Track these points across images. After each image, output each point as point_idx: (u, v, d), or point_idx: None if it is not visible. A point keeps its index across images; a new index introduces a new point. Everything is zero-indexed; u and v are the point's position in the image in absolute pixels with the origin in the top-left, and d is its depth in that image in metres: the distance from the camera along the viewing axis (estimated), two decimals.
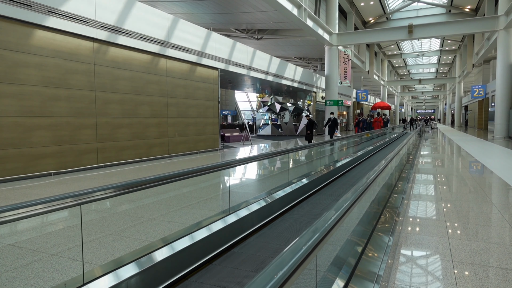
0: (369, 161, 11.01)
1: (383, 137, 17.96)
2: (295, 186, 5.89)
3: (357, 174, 8.43)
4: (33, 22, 7.81)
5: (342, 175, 8.37)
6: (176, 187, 5.78)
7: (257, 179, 8.12)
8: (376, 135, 16.63)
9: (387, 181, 5.14)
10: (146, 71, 10.83)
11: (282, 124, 28.21)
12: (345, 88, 31.73)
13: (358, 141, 13.34)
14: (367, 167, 9.57)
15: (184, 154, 12.35)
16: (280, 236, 4.18)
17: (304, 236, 1.53)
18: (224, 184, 6.11)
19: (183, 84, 12.38)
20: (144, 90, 10.79)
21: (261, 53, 18.00)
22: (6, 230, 3.93)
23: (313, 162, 10.23)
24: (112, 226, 4.26)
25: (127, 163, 10.09)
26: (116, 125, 9.90)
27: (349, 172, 8.84)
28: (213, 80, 13.94)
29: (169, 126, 11.81)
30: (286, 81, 21.04)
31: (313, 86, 25.63)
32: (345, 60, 23.42)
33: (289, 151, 6.26)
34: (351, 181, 7.61)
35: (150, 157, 10.96)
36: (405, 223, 4.25)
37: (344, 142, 12.64)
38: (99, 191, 2.67)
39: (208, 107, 13.74)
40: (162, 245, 3.29)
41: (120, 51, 9.95)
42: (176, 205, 5.33)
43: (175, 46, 11.78)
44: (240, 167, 7.29)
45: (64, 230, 4.09)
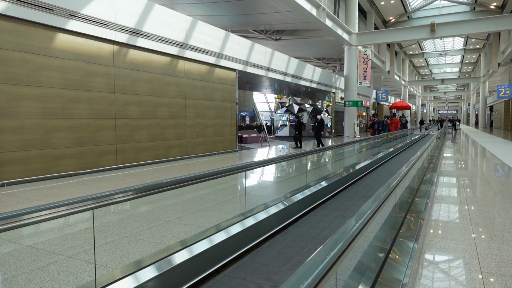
0: (389, 164, 10.76)
1: (401, 139, 17.56)
2: (314, 189, 5.79)
3: (377, 178, 8.24)
4: (55, 25, 7.98)
5: (361, 178, 8.20)
6: (193, 189, 5.77)
7: (274, 181, 8.05)
8: (393, 138, 16.25)
9: (410, 184, 4.99)
10: (164, 73, 10.92)
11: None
12: (364, 88, 31.27)
13: (373, 144, 13.07)
14: (387, 170, 9.36)
15: (201, 155, 12.40)
16: (294, 245, 4.09)
17: (321, 252, 1.45)
18: (242, 186, 6.06)
19: (201, 85, 12.43)
20: (162, 92, 10.88)
21: (279, 54, 17.92)
22: (27, 231, 3.99)
23: (331, 165, 10.08)
24: (128, 228, 4.27)
25: (145, 164, 10.19)
26: (135, 127, 10.01)
27: (368, 175, 8.66)
28: (231, 81, 13.96)
29: (187, 127, 11.87)
30: (304, 82, 20.89)
31: (332, 87, 25.37)
32: (365, 60, 23.07)
33: (307, 154, 6.17)
34: (371, 184, 7.44)
35: (168, 158, 11.04)
36: (430, 228, 4.10)
37: (363, 144, 12.42)
38: (118, 194, 2.66)
39: (226, 108, 13.76)
40: (179, 248, 3.26)
41: (139, 53, 10.07)
42: (193, 207, 5.32)
43: (194, 47, 11.84)
44: (258, 169, 7.23)
45: (81, 232, 4.12)
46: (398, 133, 18.72)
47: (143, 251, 3.48)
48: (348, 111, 22.14)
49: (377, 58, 30.28)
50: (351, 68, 22.25)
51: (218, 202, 5.64)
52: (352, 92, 22.24)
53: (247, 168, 4.20)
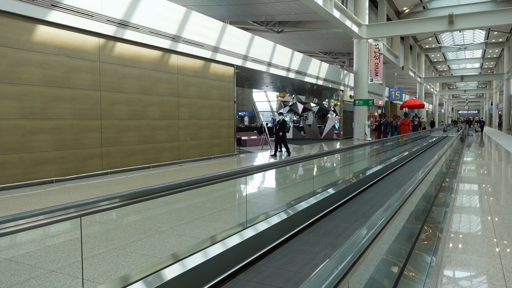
0: (404, 169, 10.77)
1: (415, 143, 17.53)
2: (320, 196, 5.79)
3: (390, 184, 8.25)
4: (35, 17, 8.01)
5: (374, 185, 8.20)
6: (187, 197, 5.77)
7: (277, 188, 8.05)
8: (402, 141, 16.21)
9: (427, 191, 4.99)
10: (155, 69, 10.94)
11: (305, 126, 28.06)
12: (376, 86, 31.31)
13: (381, 149, 13.05)
14: (402, 176, 9.36)
15: (196, 159, 12.40)
16: (297, 260, 4.09)
17: (327, 266, 1.46)
18: (241, 194, 6.06)
19: (195, 82, 12.46)
20: (153, 90, 10.91)
21: (282, 47, 17.97)
22: (5, 243, 3.99)
23: (340, 170, 10.09)
24: (116, 239, 4.27)
25: (134, 169, 10.19)
26: (123, 128, 10.02)
27: (381, 181, 8.66)
28: (229, 77, 13.98)
29: (180, 128, 11.88)
30: (309, 79, 20.93)
31: (340, 84, 25.42)
32: (376, 54, 23.12)
33: (313, 157, 6.17)
34: (384, 191, 7.44)
35: (159, 163, 11.04)
36: (449, 240, 4.10)
37: (372, 147, 12.43)
38: (103, 201, 2.67)
39: (223, 108, 13.78)
40: (172, 262, 3.26)
41: (127, 47, 10.09)
42: (187, 216, 5.32)
43: (187, 41, 11.88)
44: (258, 174, 7.24)
45: (65, 243, 4.12)
46: (411, 135, 18.66)
47: (133, 264, 3.48)
48: (358, 111, 22.18)
49: (390, 53, 30.35)
50: (361, 63, 22.31)
51: (215, 211, 5.64)
52: (362, 89, 22.28)
53: (247, 173, 4.20)
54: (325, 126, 26.94)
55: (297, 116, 29.96)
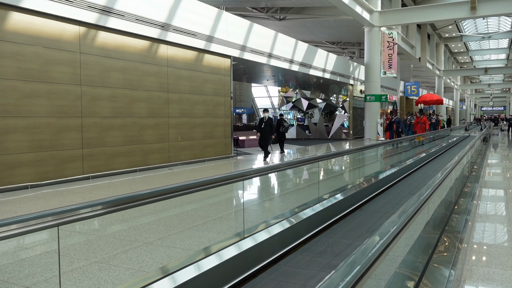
0: (419, 173, 10.79)
1: (432, 144, 17.55)
2: (327, 203, 5.81)
3: (405, 189, 8.27)
4: (7, 3, 8.02)
5: (387, 190, 8.22)
6: (178, 204, 5.78)
7: (279, 194, 8.07)
8: (418, 142, 16.16)
9: (446, 197, 5.01)
10: (142, 61, 10.96)
11: (310, 125, 28.12)
12: (390, 80, 31.35)
13: (391, 151, 13.07)
14: (417, 181, 9.38)
15: (188, 162, 12.42)
16: (301, 273, 4.11)
17: (332, 279, 1.47)
18: (238, 200, 6.07)
19: (187, 75, 12.48)
20: (140, 84, 10.92)
21: (285, 37, 17.98)
22: None
23: (349, 173, 10.11)
24: (99, 251, 4.28)
25: (119, 173, 10.20)
26: (106, 127, 10.04)
27: (395, 186, 8.68)
28: (225, 70, 14.00)
29: (170, 127, 11.90)
30: (315, 72, 20.96)
31: (350, 78, 25.46)
32: (390, 44, 23.16)
33: (319, 159, 6.19)
34: (397, 198, 7.46)
35: (147, 166, 11.06)
36: (470, 251, 4.11)
37: (383, 148, 12.45)
38: (84, 208, 2.68)
39: (218, 104, 13.80)
40: (160, 277, 3.27)
41: (111, 37, 10.11)
42: (178, 226, 5.33)
43: (178, 29, 11.90)
44: (258, 179, 7.25)
45: (41, 256, 4.13)
46: (428, 135, 18.63)
47: (117, 279, 3.49)
48: (370, 108, 22.20)
49: (405, 42, 30.39)
50: (373, 54, 22.34)
51: (209, 219, 5.66)
52: (375, 84, 22.31)
53: (245, 177, 4.22)
54: (332, 125, 26.99)
55: (302, 113, 30.02)
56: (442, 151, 16.28)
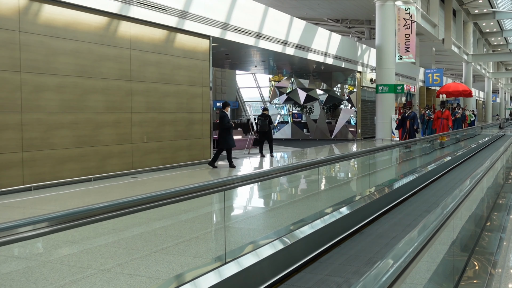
0: (442, 182, 10.87)
1: (457, 146, 17.65)
2: (330, 218, 5.83)
3: (422, 205, 8.30)
4: None
5: (404, 202, 8.27)
6: (143, 221, 5.74)
7: (270, 207, 8.07)
8: (441, 143, 16.18)
9: (475, 211, 5.06)
10: (99, 42, 10.89)
11: (309, 122, 28.20)
12: (407, 66, 31.60)
13: (411, 153, 13.16)
14: (439, 192, 9.45)
15: (156, 169, 12.35)
16: None
17: None
18: (219, 216, 6.05)
19: (155, 60, 12.42)
20: (95, 71, 10.85)
21: (277, 12, 18.02)
22: None
23: (357, 181, 10.16)
24: (41, 281, 4.23)
25: (68, 183, 10.11)
26: (53, 125, 9.95)
27: (412, 199, 8.74)
28: (202, 54, 13.97)
29: (134, 125, 11.84)
30: (314, 56, 21.04)
31: (357, 63, 25.62)
32: (407, 22, 23.36)
33: (319, 164, 6.21)
34: (416, 211, 7.51)
35: (105, 174, 10.97)
36: (506, 278, 4.15)
37: (400, 151, 12.54)
38: (24, 226, 2.65)
39: (195, 96, 13.75)
40: None
41: (59, 12, 10.03)
42: (143, 248, 5.30)
43: (144, 2, 11.86)
44: (244, 189, 7.23)
45: None
46: (452, 134, 18.63)
47: None
48: (382, 101, 22.36)
49: (426, 20, 30.67)
50: (387, 35, 22.50)
51: (183, 240, 5.64)
52: (388, 71, 22.47)
53: (227, 186, 4.21)
54: (336, 122, 27.11)
55: (298, 108, 30.09)
56: (470, 154, 16.40)
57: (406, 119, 19.48)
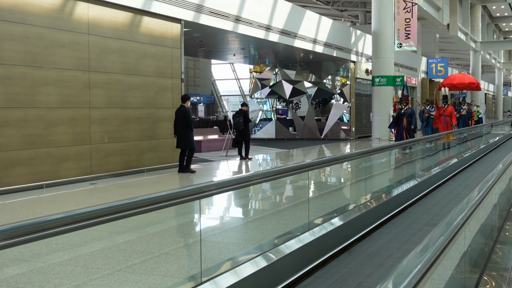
0: (447, 188, 10.96)
1: (463, 146, 17.71)
2: (320, 231, 5.83)
3: (429, 210, 8.37)
4: None
5: (402, 212, 8.31)
6: (104, 235, 5.69)
7: (251, 218, 8.06)
8: (445, 143, 16.19)
9: (486, 220, 5.10)
10: (51, 26, 10.79)
11: (296, 119, 28.25)
12: (407, 55, 31.85)
13: (411, 155, 13.23)
14: (442, 201, 9.52)
15: (119, 173, 12.26)
16: None
17: None
18: (192, 228, 6.03)
19: (118, 48, 12.34)
20: (47, 59, 10.74)
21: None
22: None
23: (351, 188, 10.20)
24: None
25: (16, 190, 9.99)
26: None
27: (414, 206, 8.79)
28: (173, 41, 13.91)
29: (93, 123, 11.74)
30: (302, 43, 21.08)
31: (351, 52, 25.74)
32: (408, 5, 23.56)
33: (308, 167, 6.21)
34: (415, 224, 7.55)
35: (59, 180, 10.87)
36: None
37: (399, 153, 12.61)
38: None
39: (164, 89, 13.68)
40: None
41: None
42: (104, 266, 5.25)
43: None
44: (222, 197, 7.21)
45: None
46: (457, 133, 18.58)
47: None
48: (379, 95, 22.50)
49: (428, 3, 30.97)
50: (384, 19, 22.65)
51: (151, 256, 5.60)
52: (386, 60, 22.61)
53: (202, 194, 4.18)
54: (327, 119, 27.19)
55: (283, 103, 30.14)
56: (478, 156, 16.51)
57: (402, 117, 18.88)
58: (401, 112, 19.02)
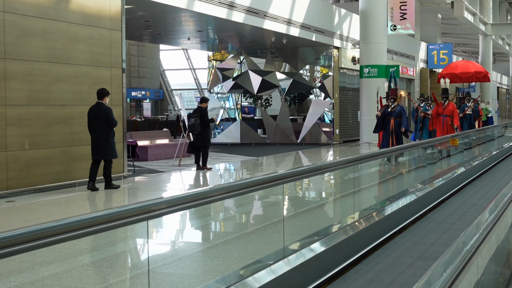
0: (451, 205, 11.04)
1: (469, 154, 17.69)
2: (297, 259, 5.83)
3: (424, 240, 8.39)
4: None
5: (392, 238, 8.35)
6: (24, 266, 5.62)
7: (211, 243, 8.05)
8: (446, 151, 15.97)
9: (501, 244, 5.17)
10: None
11: (266, 119, 28.28)
12: (403, 40, 32.18)
13: (404, 164, 13.26)
14: (443, 225, 9.57)
15: (44, 188, 12.13)
16: None
17: None
18: (137, 257, 5.99)
19: (41, 29, 12.24)
20: None
21: None
22: None
23: (335, 205, 10.25)
24: None
25: None
26: None
27: (406, 232, 8.82)
28: (111, 21, 13.83)
29: (10, 124, 11.62)
30: (273, 24, 21.15)
31: (334, 35, 25.91)
32: None
33: (283, 180, 6.21)
34: (406, 257, 7.61)
35: None
36: None
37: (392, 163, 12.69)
38: None
39: (100, 82, 13.56)
40: None
41: None
42: None
43: None
44: (174, 217, 7.20)
45: None
46: (460, 136, 18.26)
47: None
48: (369, 89, 22.68)
49: None
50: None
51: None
52: (377, 47, 22.83)
53: (152, 214, 4.14)
54: (304, 119, 27.27)
55: (250, 99, 30.17)
56: (488, 165, 16.50)
57: (388, 117, 17.59)
58: (388, 111, 17.85)
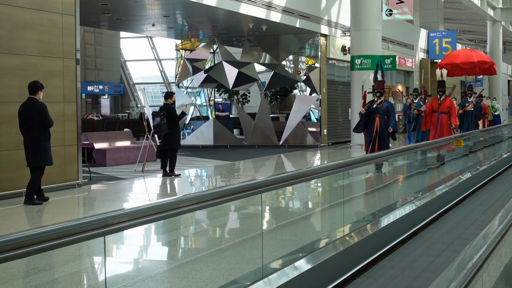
0: (452, 220, 11.09)
1: (473, 158, 17.64)
2: (278, 279, 5.85)
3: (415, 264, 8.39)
4: None
5: (395, 249, 8.39)
6: None
7: (179, 262, 8.05)
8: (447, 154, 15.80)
9: (510, 262, 5.21)
10: None
11: (243, 117, 28.25)
12: (400, 27, 32.33)
13: (396, 170, 13.25)
14: (441, 243, 9.61)
15: None
16: None
17: None
18: (94, 277, 5.99)
19: None
20: None
21: None
22: None
23: (322, 216, 10.29)
24: None
25: None
26: None
27: (403, 247, 8.86)
28: (64, 4, 13.77)
29: None
30: (251, 8, 21.18)
31: (321, 21, 25.97)
32: None
33: (261, 188, 6.23)
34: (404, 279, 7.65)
35: None
36: None
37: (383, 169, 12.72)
38: None
39: (51, 75, 13.52)
40: None
41: None
42: None
43: None
44: (136, 231, 7.19)
45: None
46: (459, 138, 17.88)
47: None
48: (361, 83, 22.75)
49: None
50: None
51: None
52: (371, 34, 22.91)
53: (111, 228, 4.14)
54: (287, 118, 27.29)
55: (225, 94, 30.15)
56: (496, 171, 16.44)
57: (374, 114, 17.23)
58: (373, 108, 17.49)
